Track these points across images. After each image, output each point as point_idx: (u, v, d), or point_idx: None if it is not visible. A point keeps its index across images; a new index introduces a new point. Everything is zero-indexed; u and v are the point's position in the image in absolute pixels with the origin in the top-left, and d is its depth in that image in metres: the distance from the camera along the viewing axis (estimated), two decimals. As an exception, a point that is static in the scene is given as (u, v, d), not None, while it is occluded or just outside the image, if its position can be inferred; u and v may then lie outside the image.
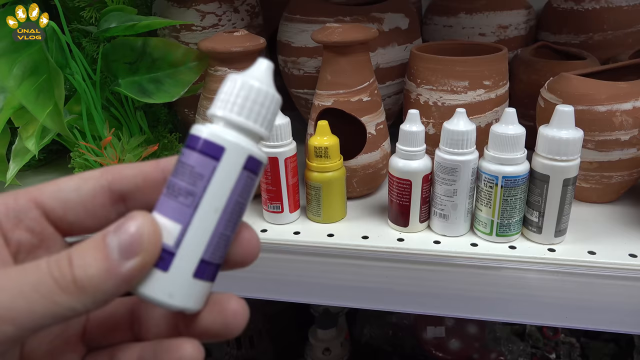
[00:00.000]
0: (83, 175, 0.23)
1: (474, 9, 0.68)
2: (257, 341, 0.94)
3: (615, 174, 0.51)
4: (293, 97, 0.69)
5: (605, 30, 0.67)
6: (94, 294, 0.19)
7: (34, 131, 0.51)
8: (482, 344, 0.90)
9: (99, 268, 0.19)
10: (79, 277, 0.19)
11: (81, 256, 0.20)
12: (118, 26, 0.51)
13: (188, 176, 0.22)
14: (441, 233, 0.50)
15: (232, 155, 0.22)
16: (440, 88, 0.53)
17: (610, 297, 0.45)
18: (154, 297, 0.21)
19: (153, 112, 0.66)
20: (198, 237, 0.22)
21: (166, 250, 0.21)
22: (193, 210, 0.22)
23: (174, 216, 0.22)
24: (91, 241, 0.20)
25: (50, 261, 0.20)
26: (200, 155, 0.22)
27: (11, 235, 0.22)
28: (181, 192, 0.22)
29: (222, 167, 0.22)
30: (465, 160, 0.46)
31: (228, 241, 0.23)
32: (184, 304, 0.22)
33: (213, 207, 0.22)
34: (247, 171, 0.22)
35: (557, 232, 0.47)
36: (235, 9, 0.65)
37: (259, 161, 0.23)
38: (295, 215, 0.53)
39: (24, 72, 0.47)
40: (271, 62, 0.23)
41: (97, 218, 0.23)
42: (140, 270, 0.20)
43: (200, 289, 0.22)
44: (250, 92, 0.22)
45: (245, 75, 0.23)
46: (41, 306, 0.19)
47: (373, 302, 0.50)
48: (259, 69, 0.23)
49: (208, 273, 0.22)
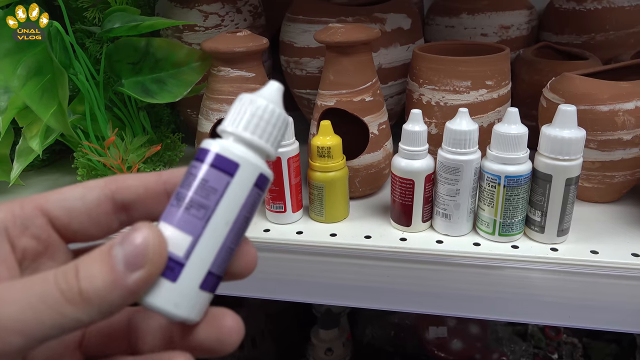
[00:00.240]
0: (87, 184, 0.24)
1: (476, 9, 0.68)
2: (259, 341, 0.94)
3: (618, 173, 0.51)
4: (295, 97, 0.69)
5: (607, 31, 0.67)
6: (100, 306, 0.20)
7: (38, 131, 0.52)
8: (484, 344, 0.90)
9: (104, 280, 0.20)
10: (85, 289, 0.19)
11: (87, 268, 0.20)
12: (121, 26, 0.52)
13: (200, 189, 0.22)
14: (444, 233, 0.50)
15: (246, 172, 0.23)
16: (442, 88, 0.53)
17: (612, 297, 0.45)
18: (161, 306, 0.22)
19: (156, 113, 0.66)
20: (208, 249, 0.22)
21: (175, 260, 0.22)
22: (205, 223, 0.22)
23: (185, 227, 0.22)
24: (97, 253, 0.20)
25: (57, 273, 0.20)
26: (214, 170, 0.22)
27: (17, 242, 0.22)
28: (193, 204, 0.22)
29: (236, 183, 0.22)
30: (468, 160, 0.46)
31: (232, 254, 0.24)
32: (187, 314, 0.22)
33: (224, 221, 0.22)
34: (257, 188, 0.23)
35: (560, 232, 0.47)
36: (238, 10, 0.65)
37: (267, 178, 0.24)
38: (297, 214, 0.53)
39: (28, 72, 0.47)
40: (282, 85, 0.24)
41: (100, 226, 0.24)
42: (145, 282, 0.20)
43: (203, 300, 0.23)
44: (261, 111, 0.23)
45: (257, 95, 0.23)
46: (48, 317, 0.19)
47: (375, 302, 0.50)
48: (270, 90, 0.24)
49: (212, 285, 0.23)
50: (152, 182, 0.24)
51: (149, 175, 0.24)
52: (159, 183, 0.24)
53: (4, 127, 0.50)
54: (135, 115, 0.60)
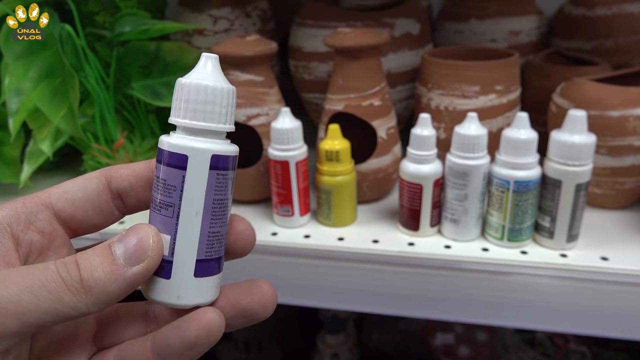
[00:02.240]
0: (85, 176, 0.25)
1: (485, 14, 0.68)
2: (265, 346, 0.94)
3: (628, 179, 0.50)
4: (304, 101, 0.69)
5: (617, 37, 0.67)
6: (99, 295, 0.21)
7: (48, 133, 0.52)
8: (491, 352, 0.89)
9: (105, 271, 0.21)
10: (86, 278, 0.21)
11: (88, 260, 0.21)
12: (132, 30, 0.52)
13: (163, 189, 0.23)
14: (452, 238, 0.50)
15: (196, 160, 0.23)
16: (451, 93, 0.53)
17: (623, 304, 0.44)
18: (165, 301, 0.23)
19: (165, 116, 0.67)
20: (187, 242, 0.23)
21: (164, 260, 0.23)
22: (176, 220, 0.23)
23: (162, 228, 0.23)
24: (97, 248, 0.22)
25: (58, 263, 0.21)
26: (167, 168, 0.23)
27: (23, 236, 0.23)
28: (162, 205, 0.23)
29: (190, 174, 0.23)
30: (477, 165, 0.46)
31: (220, 236, 0.24)
32: (194, 301, 0.24)
33: (193, 212, 0.23)
34: (217, 170, 0.23)
35: (569, 238, 0.46)
36: (247, 14, 0.65)
37: (226, 156, 0.23)
38: (305, 218, 0.53)
39: (40, 75, 0.47)
40: (215, 55, 0.24)
41: (103, 214, 0.25)
42: (143, 275, 0.22)
43: (206, 284, 0.24)
44: (197, 93, 0.23)
45: (189, 77, 0.23)
46: (47, 303, 0.20)
47: (382, 307, 0.50)
48: (202, 66, 0.24)
49: (209, 269, 0.24)
50: (142, 170, 0.25)
51: (140, 164, 0.26)
52: (147, 170, 0.25)
53: (15, 129, 0.51)
54: (145, 119, 0.61)
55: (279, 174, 0.50)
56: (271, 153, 0.50)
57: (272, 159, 0.50)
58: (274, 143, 0.50)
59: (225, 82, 0.23)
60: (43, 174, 0.67)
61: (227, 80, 0.24)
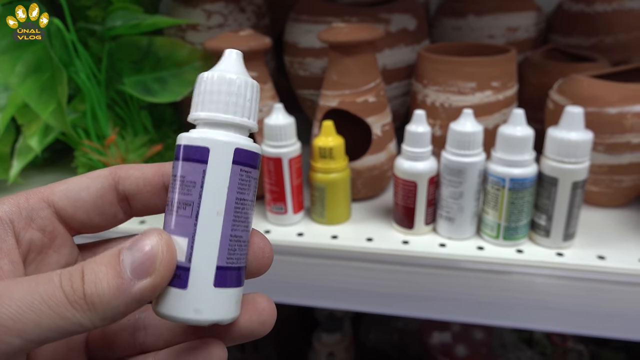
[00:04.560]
0: (92, 174, 0.24)
1: (483, 10, 0.67)
2: (261, 345, 0.93)
3: (626, 177, 0.50)
4: (299, 97, 0.68)
5: (617, 33, 0.66)
6: (104, 311, 0.19)
7: (37, 129, 0.51)
8: (489, 350, 0.88)
9: (110, 285, 0.19)
10: (89, 293, 0.19)
11: (94, 271, 0.19)
12: (123, 24, 0.51)
13: (180, 187, 0.21)
14: (447, 236, 0.49)
15: (218, 152, 0.21)
16: (447, 89, 0.52)
17: (620, 303, 0.44)
18: (180, 316, 0.21)
19: (158, 112, 0.66)
20: (207, 245, 0.21)
21: (180, 267, 0.21)
22: (195, 220, 0.21)
23: (179, 231, 0.21)
24: (106, 256, 0.20)
25: (62, 274, 0.19)
26: (186, 163, 0.21)
27: (23, 234, 0.22)
28: (179, 205, 0.21)
29: (212, 168, 0.21)
30: (472, 162, 0.45)
31: (242, 242, 0.22)
32: (214, 316, 0.21)
33: (214, 211, 0.21)
34: (240, 165, 0.22)
35: (566, 236, 0.46)
36: (241, 9, 0.64)
37: (252, 152, 0.22)
38: (298, 216, 0.53)
39: (27, 70, 0.46)
40: (239, 51, 0.23)
41: (106, 216, 0.24)
42: (152, 291, 0.20)
43: (228, 297, 0.21)
44: (221, 84, 0.22)
45: (215, 70, 0.22)
46: (49, 320, 0.18)
47: (377, 305, 0.49)
48: (228, 60, 0.23)
49: (231, 278, 0.22)
50: (151, 174, 0.24)
51: (149, 167, 0.24)
52: (157, 175, 0.24)
53: (3, 125, 0.50)
54: (137, 115, 0.60)
55: (271, 170, 0.50)
56: (264, 150, 0.50)
57: (265, 156, 0.50)
58: (266, 139, 0.49)
59: (248, 77, 0.22)
60: (35, 171, 0.66)
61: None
